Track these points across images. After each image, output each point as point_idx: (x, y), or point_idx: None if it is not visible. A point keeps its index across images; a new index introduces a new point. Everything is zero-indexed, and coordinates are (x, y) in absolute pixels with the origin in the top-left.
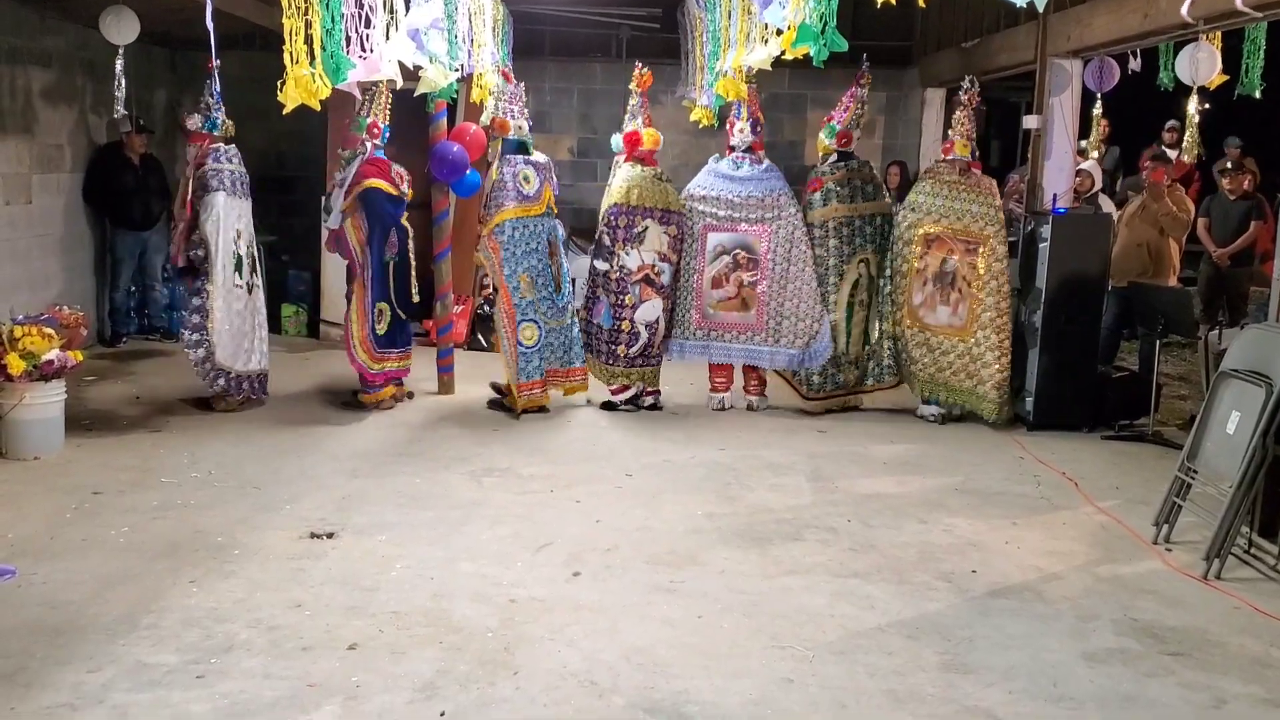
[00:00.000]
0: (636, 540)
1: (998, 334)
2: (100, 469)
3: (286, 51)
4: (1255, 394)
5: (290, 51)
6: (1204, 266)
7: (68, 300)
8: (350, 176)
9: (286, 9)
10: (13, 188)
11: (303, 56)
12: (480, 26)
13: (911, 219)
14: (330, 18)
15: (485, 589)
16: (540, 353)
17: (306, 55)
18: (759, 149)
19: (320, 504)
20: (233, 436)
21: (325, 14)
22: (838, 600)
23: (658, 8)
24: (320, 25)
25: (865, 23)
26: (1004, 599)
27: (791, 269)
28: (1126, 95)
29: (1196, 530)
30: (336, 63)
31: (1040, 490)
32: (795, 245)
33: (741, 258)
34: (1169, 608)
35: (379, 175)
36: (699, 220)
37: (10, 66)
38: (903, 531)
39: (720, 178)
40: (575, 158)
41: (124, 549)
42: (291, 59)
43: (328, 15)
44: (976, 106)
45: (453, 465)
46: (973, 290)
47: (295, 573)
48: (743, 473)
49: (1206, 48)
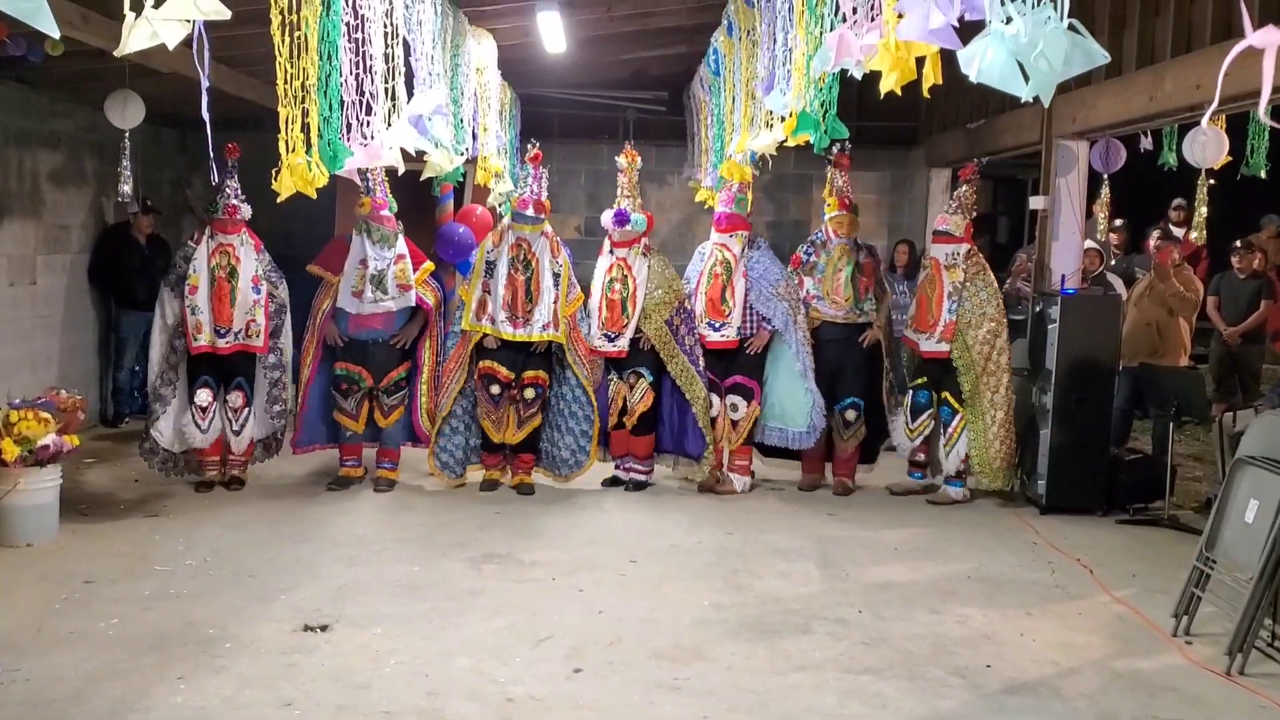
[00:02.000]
0: (640, 633)
1: (1004, 411)
2: (94, 556)
3: (282, 140)
4: (1274, 482)
5: (286, 139)
6: (1215, 345)
7: (70, 381)
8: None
9: (283, 98)
10: (18, 268)
11: (299, 144)
12: (485, 110)
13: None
14: (329, 105)
15: (481, 686)
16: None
17: (303, 143)
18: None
19: (316, 594)
20: (231, 520)
21: (323, 101)
22: (848, 699)
23: (664, 90)
24: (318, 113)
25: (871, 104)
26: (1020, 696)
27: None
28: (1136, 172)
29: (1217, 622)
30: (334, 150)
31: (1055, 578)
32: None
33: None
34: (1191, 706)
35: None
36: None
37: (19, 149)
38: (914, 622)
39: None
40: (583, 236)
41: (112, 642)
42: (288, 147)
43: (325, 103)
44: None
45: (451, 552)
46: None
47: (287, 668)
48: (750, 558)
49: (1212, 130)
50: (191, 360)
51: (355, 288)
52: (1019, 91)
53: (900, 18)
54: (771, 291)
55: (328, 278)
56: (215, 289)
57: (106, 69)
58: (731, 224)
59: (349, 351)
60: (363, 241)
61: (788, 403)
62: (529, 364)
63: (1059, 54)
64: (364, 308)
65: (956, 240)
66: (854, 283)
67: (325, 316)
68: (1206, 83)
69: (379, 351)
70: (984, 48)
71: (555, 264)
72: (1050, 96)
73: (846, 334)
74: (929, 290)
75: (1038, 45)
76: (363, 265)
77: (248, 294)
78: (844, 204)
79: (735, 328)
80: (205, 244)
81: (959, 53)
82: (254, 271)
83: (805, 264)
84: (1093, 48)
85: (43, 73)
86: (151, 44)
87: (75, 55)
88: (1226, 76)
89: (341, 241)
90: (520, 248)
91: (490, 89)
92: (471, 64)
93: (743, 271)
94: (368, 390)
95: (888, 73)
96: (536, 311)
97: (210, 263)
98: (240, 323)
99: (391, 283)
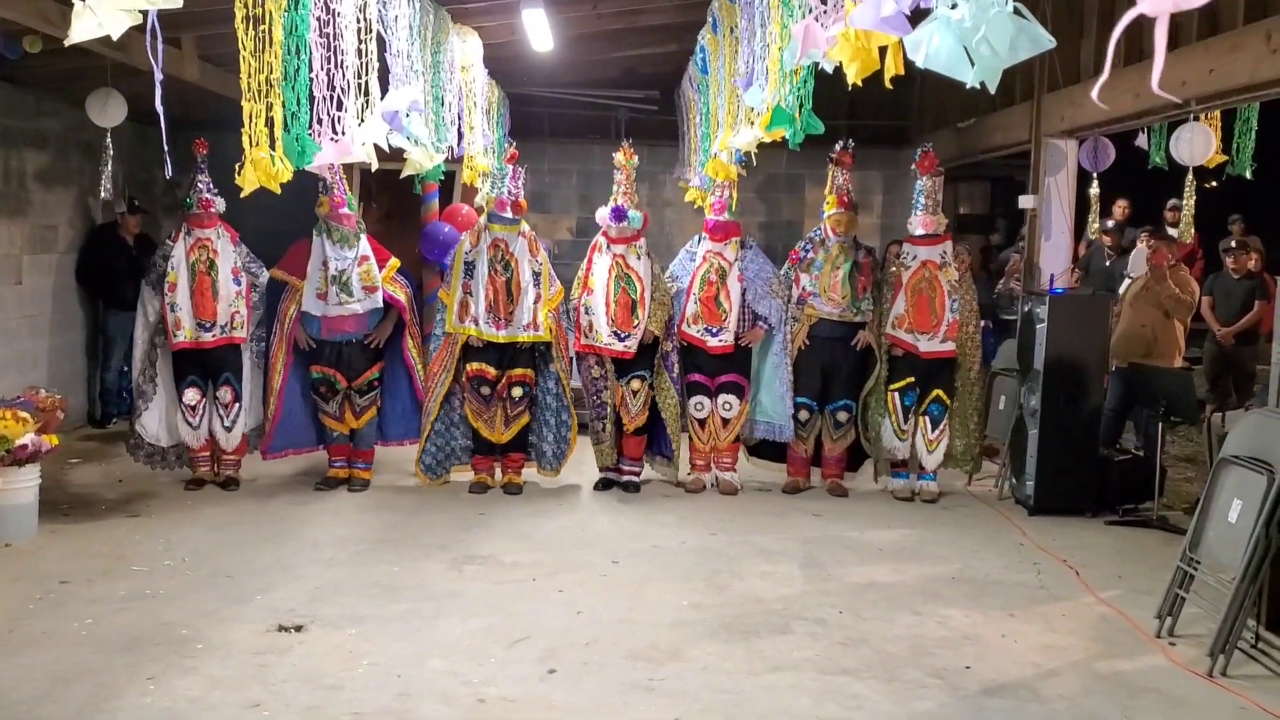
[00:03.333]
0: (617, 633)
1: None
2: (72, 556)
3: (245, 134)
4: (1257, 482)
5: (249, 134)
6: (1209, 345)
7: (57, 382)
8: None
9: (246, 93)
10: (3, 269)
11: (263, 140)
12: (471, 108)
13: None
14: (296, 100)
15: (453, 688)
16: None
17: (267, 138)
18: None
19: (292, 594)
20: (213, 521)
21: (290, 96)
22: (823, 700)
23: (655, 90)
24: (283, 109)
25: (863, 103)
26: (998, 698)
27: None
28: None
29: (1201, 623)
30: (303, 146)
31: (1040, 579)
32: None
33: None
34: (1172, 708)
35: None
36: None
37: (4, 148)
38: (895, 624)
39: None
40: (575, 237)
41: (84, 642)
42: (251, 142)
43: (292, 98)
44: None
45: (433, 553)
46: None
47: (258, 669)
48: (733, 559)
49: (1200, 128)
50: (177, 359)
51: (319, 289)
52: (965, 78)
53: (855, 4)
54: (766, 290)
55: (293, 282)
56: (196, 283)
57: (90, 67)
58: (726, 232)
59: (322, 354)
60: (323, 242)
61: (769, 397)
62: (516, 362)
63: (1004, 39)
64: (329, 310)
65: (944, 239)
66: (851, 281)
67: (294, 321)
68: (1193, 79)
69: (351, 353)
70: (930, 33)
71: (535, 263)
72: (996, 83)
73: (843, 333)
74: (929, 292)
75: (981, 30)
76: (324, 267)
77: (229, 286)
78: (843, 202)
79: (732, 332)
80: (183, 240)
81: (905, 39)
82: (233, 263)
83: (803, 260)
84: (1038, 33)
85: (28, 71)
86: (99, 34)
87: (58, 53)
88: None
89: (304, 244)
90: (498, 248)
91: (476, 87)
92: (456, 62)
93: (738, 275)
94: (344, 391)
95: (848, 63)
96: (518, 312)
97: (189, 258)
98: (225, 316)
99: (357, 285)
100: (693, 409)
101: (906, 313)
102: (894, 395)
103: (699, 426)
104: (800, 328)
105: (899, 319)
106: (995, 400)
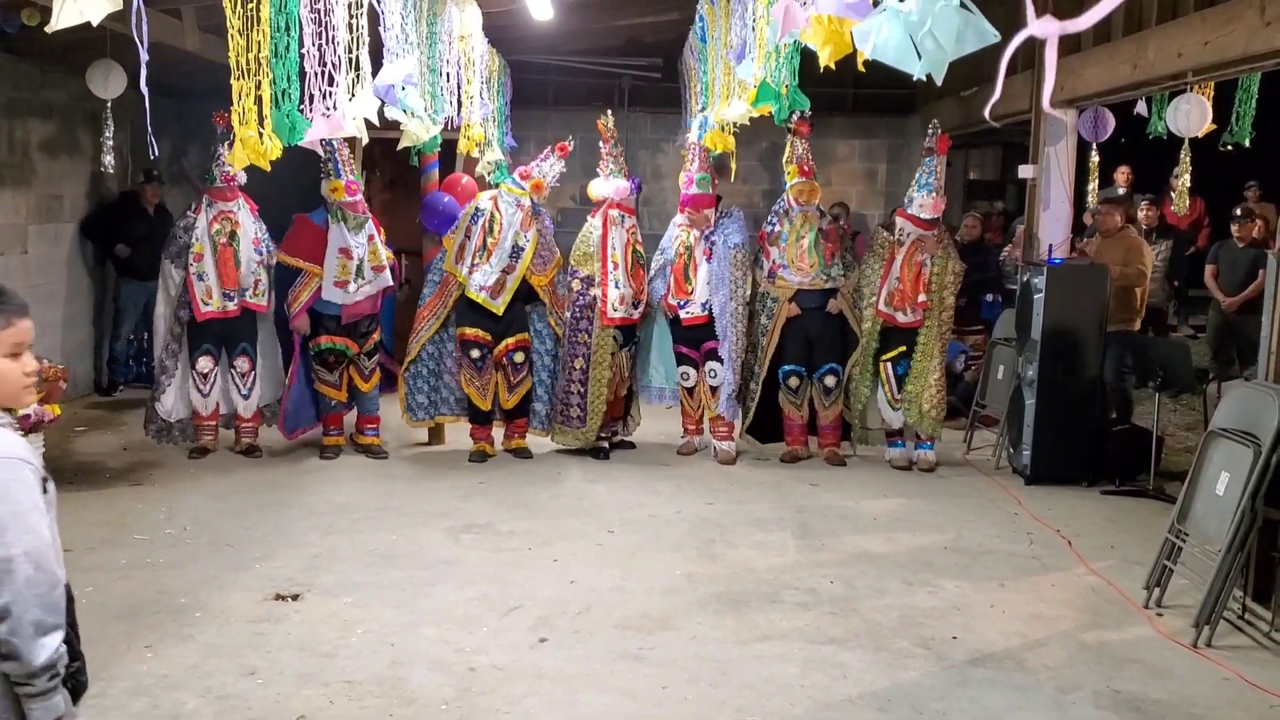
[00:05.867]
0: (609, 602)
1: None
2: (74, 525)
3: (234, 112)
4: (1244, 454)
5: (238, 111)
6: (1213, 314)
7: (63, 351)
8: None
9: (235, 70)
10: (8, 239)
11: (252, 116)
12: (470, 78)
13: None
14: (286, 77)
15: (446, 656)
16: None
17: (256, 115)
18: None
19: (290, 562)
20: (215, 490)
21: (280, 72)
22: (810, 669)
23: (659, 57)
24: (272, 86)
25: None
26: (983, 668)
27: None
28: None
29: (1189, 594)
30: (293, 122)
31: (1032, 549)
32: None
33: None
34: (1155, 678)
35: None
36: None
37: (9, 119)
38: (886, 593)
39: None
40: (578, 205)
41: (84, 610)
42: (240, 119)
43: (282, 74)
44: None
45: (431, 521)
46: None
47: (254, 637)
48: (728, 528)
49: (1196, 99)
50: (194, 329)
51: (338, 278)
52: (912, 69)
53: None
54: (726, 265)
55: (309, 268)
56: (219, 254)
57: (93, 38)
58: (695, 204)
59: (336, 327)
60: (341, 230)
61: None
62: (511, 329)
63: (949, 33)
64: (348, 298)
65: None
66: (817, 249)
67: (302, 308)
68: (1189, 51)
69: (363, 322)
70: (879, 25)
71: (523, 236)
72: (942, 75)
73: (819, 301)
74: (906, 270)
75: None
76: (344, 254)
77: (250, 255)
78: (804, 171)
79: (699, 304)
80: (205, 213)
81: (855, 30)
82: (254, 234)
83: (770, 234)
84: (984, 26)
85: (32, 43)
86: (80, 20)
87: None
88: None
89: (307, 223)
90: (497, 209)
91: (475, 56)
92: (454, 32)
93: (705, 250)
94: (351, 357)
95: (820, 46)
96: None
97: (211, 229)
98: (247, 283)
99: (368, 266)
100: (680, 378)
101: (899, 290)
102: (886, 366)
103: (688, 395)
104: (781, 304)
105: (892, 295)
106: (994, 370)
